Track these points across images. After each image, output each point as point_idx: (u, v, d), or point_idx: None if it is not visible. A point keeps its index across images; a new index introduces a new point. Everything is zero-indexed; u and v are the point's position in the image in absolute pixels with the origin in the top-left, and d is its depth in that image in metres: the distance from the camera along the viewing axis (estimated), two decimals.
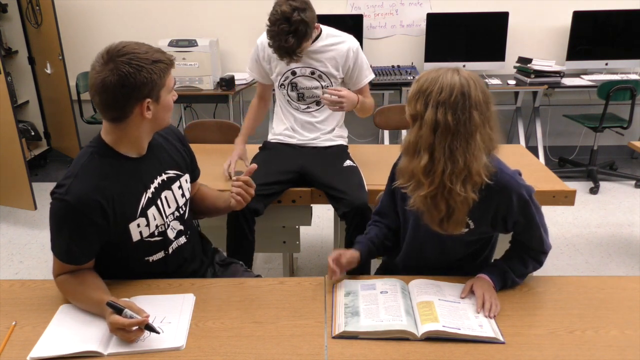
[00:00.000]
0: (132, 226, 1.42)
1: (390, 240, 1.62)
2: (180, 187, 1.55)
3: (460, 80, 1.28)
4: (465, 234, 1.44)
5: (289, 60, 2.07)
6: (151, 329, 1.22)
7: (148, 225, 1.45)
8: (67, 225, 1.33)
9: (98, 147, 1.39)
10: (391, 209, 1.62)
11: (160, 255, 1.52)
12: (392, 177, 1.60)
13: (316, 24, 2.08)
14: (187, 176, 1.58)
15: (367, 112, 2.34)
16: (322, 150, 2.27)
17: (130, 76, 1.28)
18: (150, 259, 1.51)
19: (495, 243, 1.59)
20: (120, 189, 1.38)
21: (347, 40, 2.22)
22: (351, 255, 1.49)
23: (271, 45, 2.04)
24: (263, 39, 2.23)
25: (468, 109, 1.28)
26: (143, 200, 1.43)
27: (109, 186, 1.35)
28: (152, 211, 1.45)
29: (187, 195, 1.58)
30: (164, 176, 1.50)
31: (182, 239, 1.56)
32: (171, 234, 1.52)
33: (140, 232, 1.44)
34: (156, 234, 1.48)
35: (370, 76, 2.30)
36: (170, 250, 1.53)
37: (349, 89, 2.23)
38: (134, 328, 1.21)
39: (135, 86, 1.29)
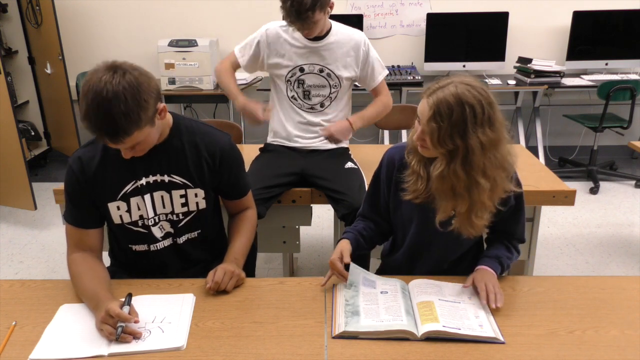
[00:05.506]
0: (112, 207, 1.49)
1: (377, 237, 1.64)
2: (184, 196, 1.53)
3: (474, 92, 1.26)
4: None
5: (299, 25, 1.99)
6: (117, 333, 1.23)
7: (129, 211, 1.50)
8: (65, 184, 1.50)
9: None
10: (374, 215, 1.63)
11: (143, 247, 1.57)
12: (376, 187, 1.60)
13: (331, 3, 2.04)
14: (198, 191, 1.55)
15: (383, 114, 2.29)
16: (323, 153, 2.27)
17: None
18: (134, 247, 1.57)
19: (482, 238, 1.63)
20: (108, 169, 1.46)
21: (357, 37, 2.20)
22: (348, 250, 1.50)
23: (285, 5, 1.95)
24: (271, 27, 2.17)
25: (495, 112, 1.29)
26: (128, 187, 1.48)
27: (99, 162, 1.46)
28: (136, 200, 1.50)
29: (192, 208, 1.56)
30: (166, 178, 1.50)
31: (168, 241, 1.59)
32: (157, 233, 1.56)
33: (121, 216, 1.51)
34: (140, 224, 1.53)
35: (384, 72, 2.27)
36: (153, 248, 1.57)
37: (365, 87, 2.30)
38: (119, 328, 1.23)
39: None
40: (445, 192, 1.36)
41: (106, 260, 1.59)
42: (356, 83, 2.33)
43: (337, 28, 2.20)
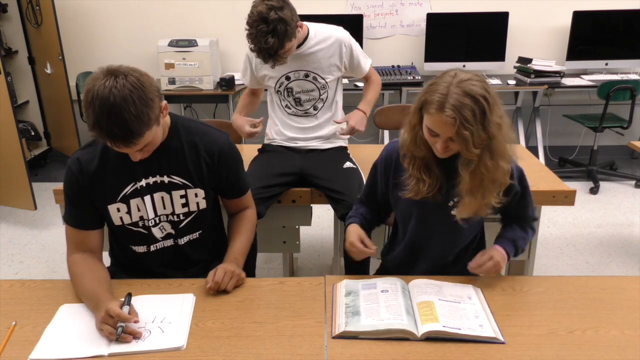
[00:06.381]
0: (112, 208, 1.49)
1: (375, 220, 1.69)
2: (184, 196, 1.53)
3: (474, 82, 1.29)
4: None
5: (272, 63, 2.01)
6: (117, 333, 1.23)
7: (129, 213, 1.50)
8: (64, 186, 1.49)
9: None
10: (372, 202, 1.67)
11: (143, 248, 1.58)
12: (374, 177, 1.62)
13: (299, 23, 2.03)
14: (198, 191, 1.54)
15: (379, 92, 2.40)
16: (322, 153, 2.26)
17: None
18: (135, 248, 1.58)
19: (484, 234, 1.64)
20: (107, 171, 1.46)
21: (337, 34, 2.18)
22: (364, 233, 1.55)
23: (252, 49, 1.99)
24: None
25: (490, 87, 1.32)
26: (128, 189, 1.48)
27: (98, 164, 1.46)
28: (136, 202, 1.50)
29: (193, 208, 1.56)
30: (165, 179, 1.50)
31: (169, 242, 1.59)
32: (158, 233, 1.56)
33: (121, 218, 1.50)
34: (140, 225, 1.53)
35: (369, 61, 2.33)
36: (153, 248, 1.58)
37: (355, 76, 2.36)
38: (119, 328, 1.23)
39: None
40: (475, 188, 1.37)
41: (106, 260, 1.59)
42: (356, 83, 2.34)
43: (316, 29, 2.17)
